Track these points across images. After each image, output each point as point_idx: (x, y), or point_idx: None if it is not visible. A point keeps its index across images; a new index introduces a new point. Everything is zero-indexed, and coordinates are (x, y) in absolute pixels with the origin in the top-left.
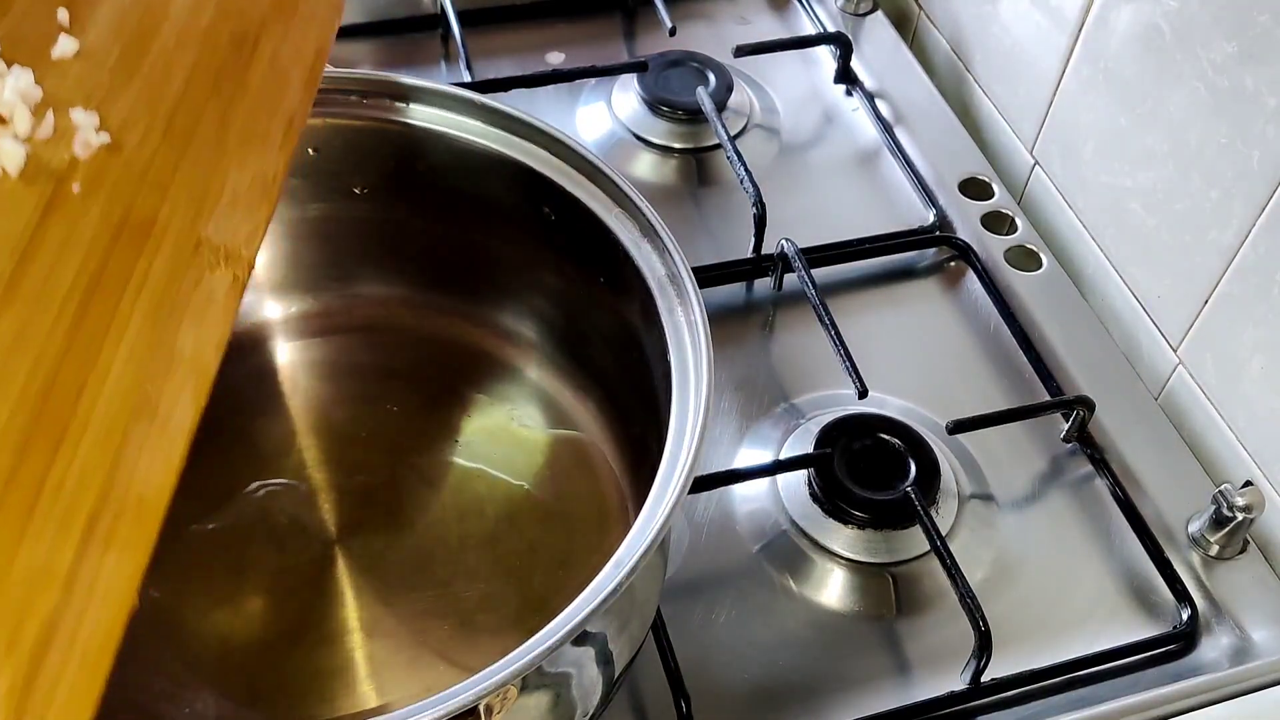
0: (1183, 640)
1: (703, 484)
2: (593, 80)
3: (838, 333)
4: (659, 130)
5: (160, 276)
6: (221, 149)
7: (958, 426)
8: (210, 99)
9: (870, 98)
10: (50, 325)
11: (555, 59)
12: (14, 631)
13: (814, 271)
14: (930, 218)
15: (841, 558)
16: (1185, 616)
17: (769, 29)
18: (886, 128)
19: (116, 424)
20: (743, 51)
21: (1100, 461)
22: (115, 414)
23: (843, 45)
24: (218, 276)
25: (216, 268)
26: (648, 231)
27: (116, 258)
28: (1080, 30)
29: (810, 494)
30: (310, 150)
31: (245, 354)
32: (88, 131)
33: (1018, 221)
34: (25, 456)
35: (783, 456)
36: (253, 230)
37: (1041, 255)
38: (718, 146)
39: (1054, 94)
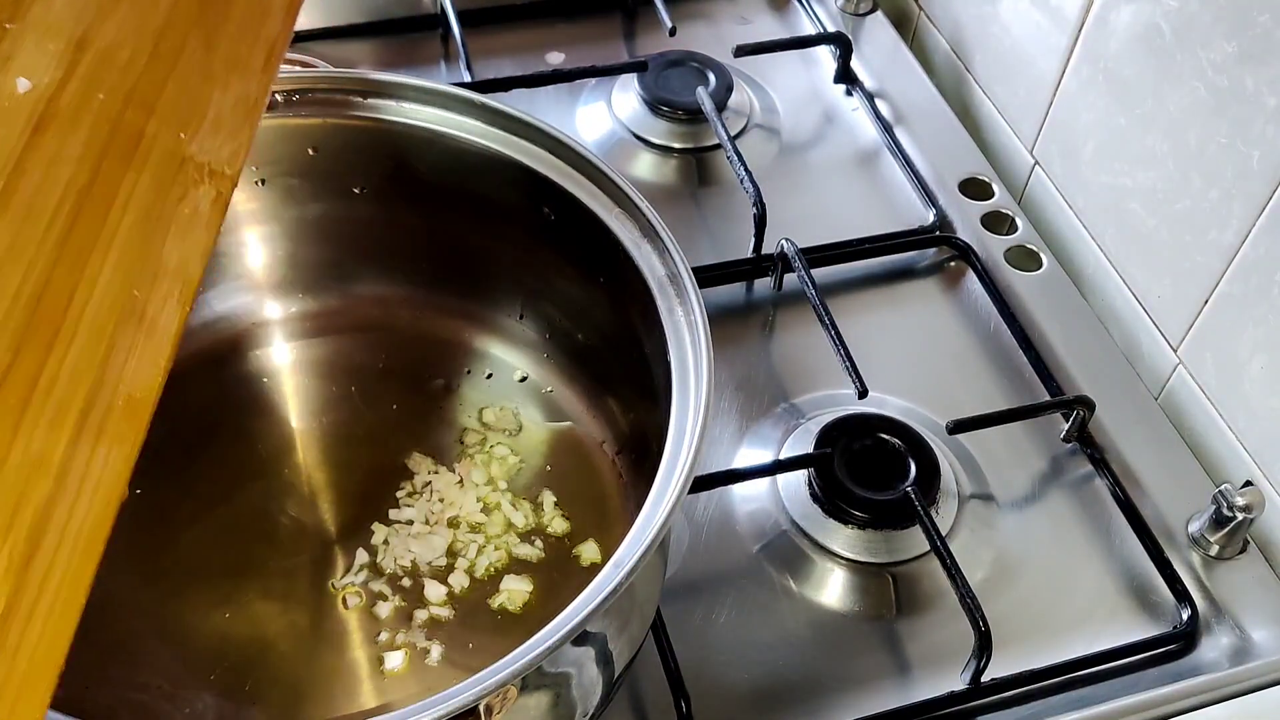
0: (1183, 640)
1: (703, 484)
2: (593, 80)
3: (838, 333)
4: (659, 130)
5: (147, 191)
6: (206, 72)
7: (958, 426)
8: (195, 24)
9: (870, 98)
10: (41, 235)
11: (555, 59)
12: (11, 516)
13: (814, 271)
14: (930, 218)
15: (841, 558)
16: (1185, 616)
17: (769, 29)
18: (886, 128)
19: (105, 327)
20: (743, 51)
21: (1100, 461)
22: (104, 318)
23: (843, 45)
24: (202, 192)
25: (201, 184)
26: (648, 231)
27: (105, 173)
28: (1080, 30)
29: (810, 494)
30: (310, 150)
31: (245, 354)
32: None
33: (1018, 221)
34: (19, 356)
35: (783, 456)
36: (235, 150)
37: (1041, 255)
38: (718, 146)
39: (1054, 94)
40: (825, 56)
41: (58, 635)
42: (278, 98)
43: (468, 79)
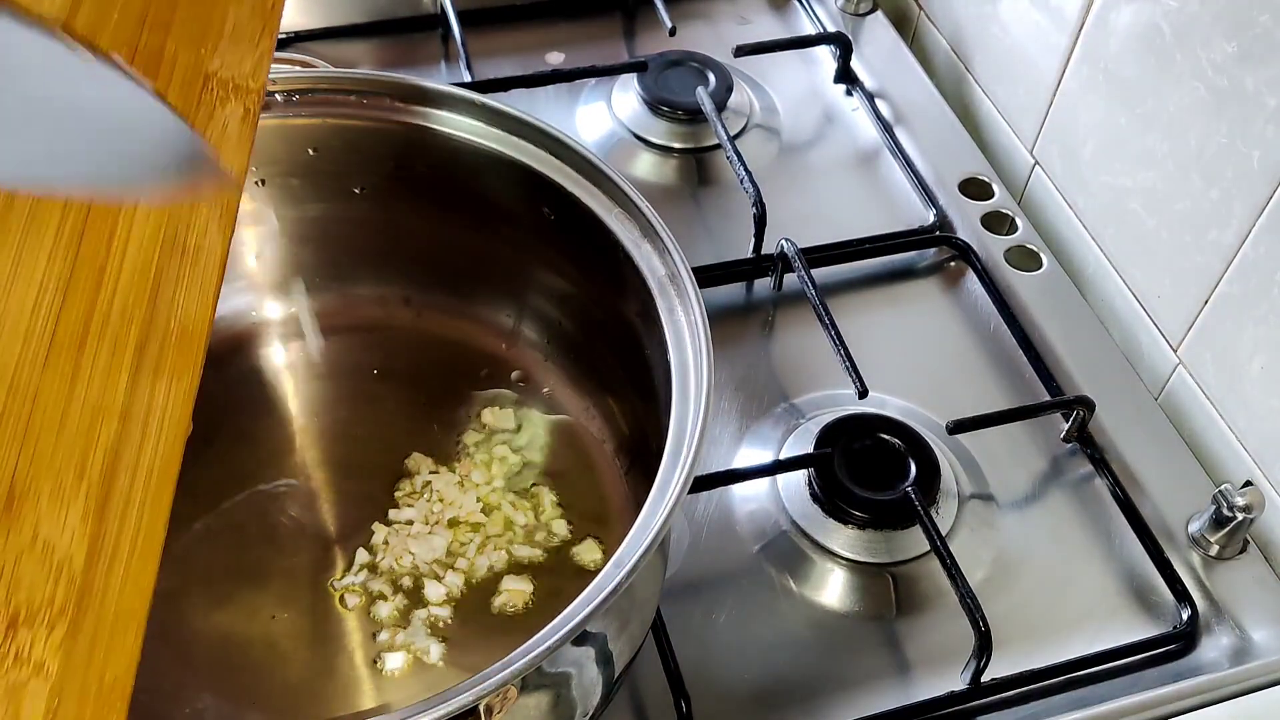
0: (1183, 640)
1: (703, 484)
2: (593, 80)
3: (838, 333)
4: (659, 130)
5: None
6: None
7: (958, 426)
8: None
9: (870, 98)
10: None
11: (555, 59)
12: (82, 462)
13: (814, 271)
14: (930, 218)
15: (841, 558)
16: (1185, 616)
17: (769, 29)
18: (886, 128)
19: (149, 261)
20: (743, 51)
21: (1100, 461)
22: (147, 252)
23: (843, 45)
24: (229, 110)
25: (227, 102)
26: (648, 231)
27: None
28: (1080, 30)
29: (810, 494)
30: (310, 150)
31: (245, 354)
32: None
33: (1018, 221)
34: (68, 300)
35: (783, 456)
36: (257, 61)
37: (1041, 255)
38: (718, 146)
39: (1054, 94)
40: (825, 56)
41: (141, 575)
42: (277, 98)
43: (468, 79)
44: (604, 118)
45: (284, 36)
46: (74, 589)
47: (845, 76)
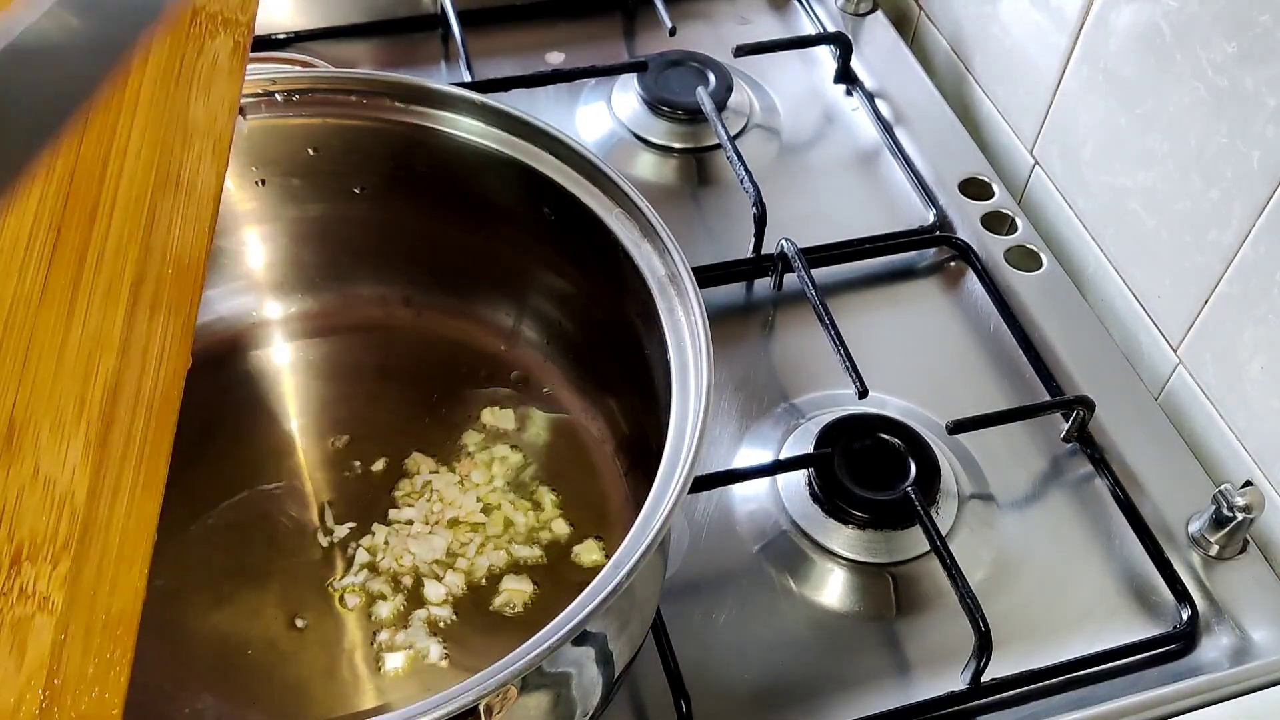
0: (1183, 640)
1: (703, 484)
2: (593, 80)
3: (838, 333)
4: (659, 130)
5: (162, 49)
6: None
7: (958, 426)
8: None
9: (870, 98)
10: None
11: (555, 59)
12: (80, 396)
13: (814, 271)
14: (930, 218)
15: (841, 558)
16: (1185, 616)
17: (769, 29)
18: (886, 128)
19: (142, 196)
20: (743, 51)
21: (1100, 461)
22: (140, 187)
23: (843, 45)
24: (219, 43)
25: (216, 35)
26: (648, 231)
27: None
28: (1080, 30)
29: (810, 494)
30: (310, 150)
31: (245, 354)
32: None
33: (1018, 221)
34: (62, 235)
35: (783, 456)
36: None
37: (1041, 255)
38: (718, 146)
39: (1054, 94)
40: (825, 56)
41: (144, 509)
42: (277, 97)
43: (468, 79)
44: (604, 118)
45: (284, 36)
46: (77, 523)
47: (845, 76)
